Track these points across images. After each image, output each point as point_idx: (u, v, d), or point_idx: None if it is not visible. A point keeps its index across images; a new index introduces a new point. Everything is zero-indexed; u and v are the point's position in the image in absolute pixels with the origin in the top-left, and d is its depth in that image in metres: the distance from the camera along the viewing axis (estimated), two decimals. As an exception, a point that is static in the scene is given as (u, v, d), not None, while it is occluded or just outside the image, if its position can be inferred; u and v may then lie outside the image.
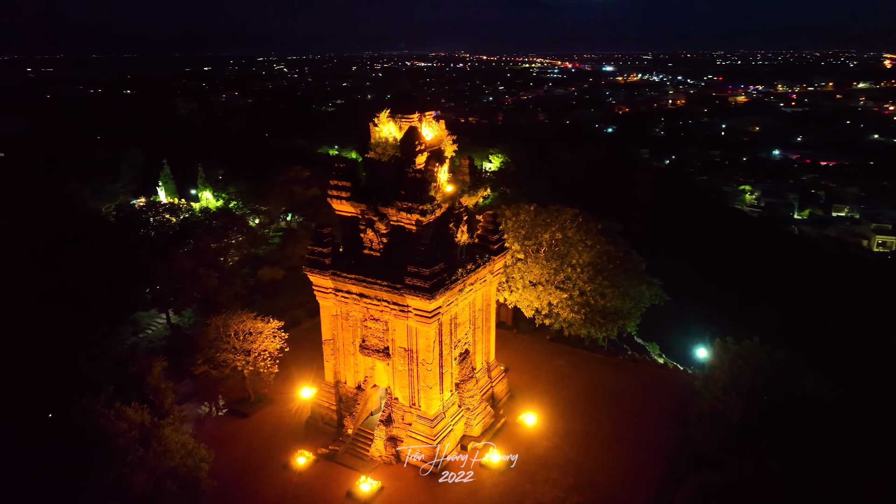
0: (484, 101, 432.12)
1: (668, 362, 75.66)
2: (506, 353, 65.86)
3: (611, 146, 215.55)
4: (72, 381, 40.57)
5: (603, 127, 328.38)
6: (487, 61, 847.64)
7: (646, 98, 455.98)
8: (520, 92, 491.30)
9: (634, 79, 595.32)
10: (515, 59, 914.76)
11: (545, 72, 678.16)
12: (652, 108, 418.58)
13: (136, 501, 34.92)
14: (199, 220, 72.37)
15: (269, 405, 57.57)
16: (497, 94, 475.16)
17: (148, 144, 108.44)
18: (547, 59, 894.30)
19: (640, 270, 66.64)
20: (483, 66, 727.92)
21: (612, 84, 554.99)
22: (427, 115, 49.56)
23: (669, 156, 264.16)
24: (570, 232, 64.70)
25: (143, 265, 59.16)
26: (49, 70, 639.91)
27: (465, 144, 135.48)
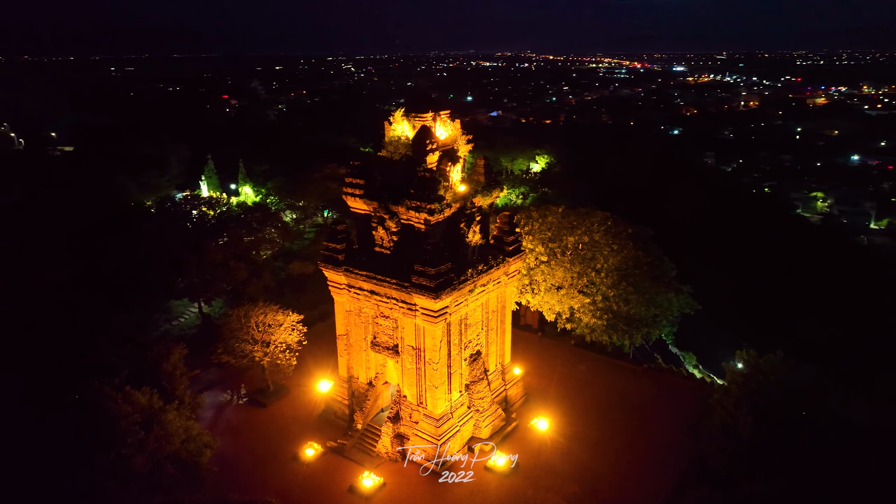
0: (547, 102, 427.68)
1: (703, 374, 72.96)
2: (528, 357, 65.12)
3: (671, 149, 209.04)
4: (90, 364, 42.69)
5: (668, 129, 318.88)
6: (553, 61, 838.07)
7: (716, 99, 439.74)
8: (584, 92, 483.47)
9: (705, 79, 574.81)
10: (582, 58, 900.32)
11: (612, 72, 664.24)
12: (722, 110, 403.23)
13: (135, 481, 36.50)
14: (235, 214, 75.14)
15: (288, 396, 58.97)
16: (561, 95, 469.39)
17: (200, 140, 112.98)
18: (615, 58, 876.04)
19: (671, 277, 64.37)
20: (548, 66, 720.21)
21: (682, 85, 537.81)
22: (442, 114, 49.55)
23: (736, 160, 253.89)
24: (597, 235, 63.25)
25: (177, 256, 61.86)
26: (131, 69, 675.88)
27: (511, 144, 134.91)
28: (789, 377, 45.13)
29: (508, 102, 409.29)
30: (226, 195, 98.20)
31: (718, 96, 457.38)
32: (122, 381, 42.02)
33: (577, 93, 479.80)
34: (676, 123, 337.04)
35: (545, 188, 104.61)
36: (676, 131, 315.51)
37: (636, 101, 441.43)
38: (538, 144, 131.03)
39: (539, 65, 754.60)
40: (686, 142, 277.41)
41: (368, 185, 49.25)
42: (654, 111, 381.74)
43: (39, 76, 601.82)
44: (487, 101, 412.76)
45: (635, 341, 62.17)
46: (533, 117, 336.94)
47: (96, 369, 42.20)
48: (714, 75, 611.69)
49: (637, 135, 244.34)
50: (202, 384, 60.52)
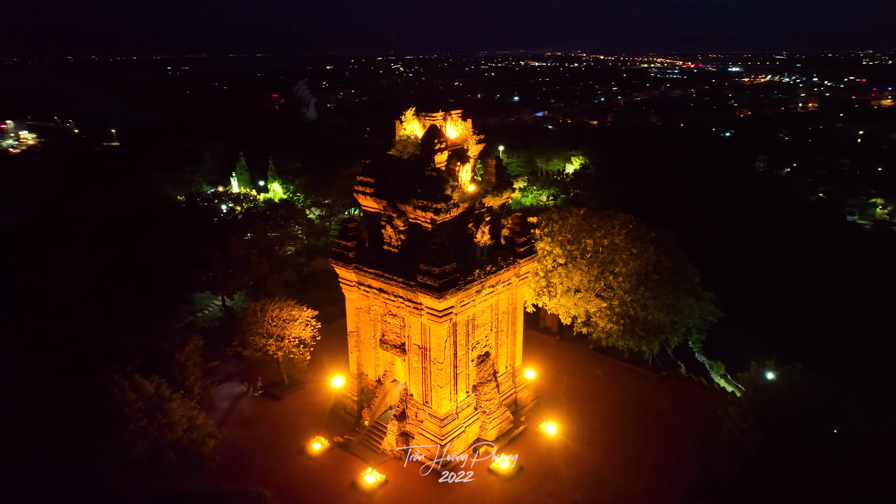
0: (595, 102, 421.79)
1: (730, 384, 70.56)
2: (544, 360, 64.42)
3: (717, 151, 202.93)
4: (104, 351, 44.31)
5: (720, 131, 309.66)
6: (604, 61, 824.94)
7: (772, 101, 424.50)
8: (634, 93, 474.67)
9: (762, 80, 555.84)
10: (634, 59, 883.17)
11: (664, 72, 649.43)
12: (778, 111, 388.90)
13: (136, 466, 37.72)
14: (261, 210, 76.74)
15: (301, 390, 59.88)
16: (609, 95, 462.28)
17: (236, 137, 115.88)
18: (668, 58, 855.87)
19: (693, 284, 62.52)
20: (599, 66, 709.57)
21: (736, 85, 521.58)
22: (453, 113, 49.41)
23: (790, 163, 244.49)
24: (617, 239, 61.97)
25: (201, 250, 63.62)
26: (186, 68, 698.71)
27: (547, 145, 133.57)
28: (805, 391, 43.21)
29: (555, 103, 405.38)
30: (255, 191, 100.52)
31: (775, 97, 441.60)
32: (134, 369, 43.43)
33: (626, 93, 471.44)
34: (728, 125, 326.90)
35: (577, 189, 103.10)
36: (728, 133, 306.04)
37: (687, 102, 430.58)
38: (574, 145, 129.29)
39: (589, 65, 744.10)
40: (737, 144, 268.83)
41: (378, 183, 49.55)
42: (706, 112, 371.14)
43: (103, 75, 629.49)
44: (534, 101, 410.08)
45: (653, 348, 60.70)
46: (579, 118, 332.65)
47: (110, 356, 43.71)
48: (771, 76, 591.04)
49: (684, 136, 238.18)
50: (221, 375, 62.20)
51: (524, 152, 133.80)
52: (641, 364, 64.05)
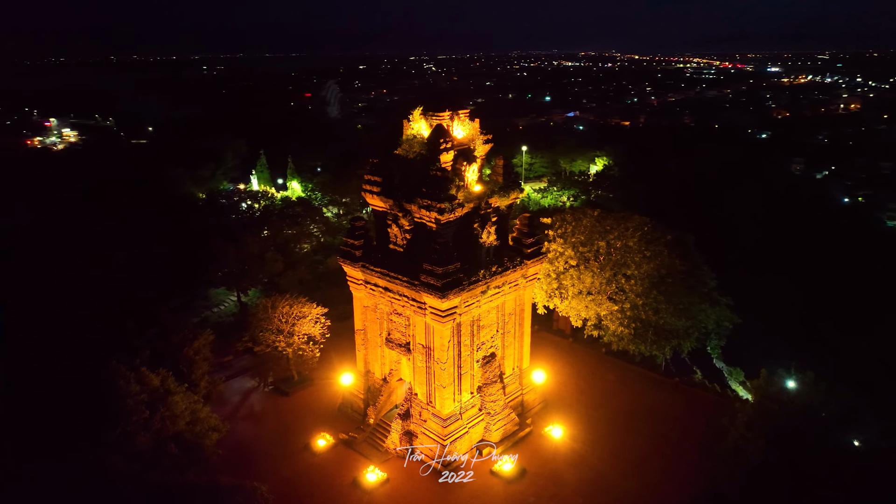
0: (628, 102, 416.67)
1: (748, 391, 68.90)
2: (555, 362, 63.84)
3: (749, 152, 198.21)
4: (114, 344, 45.36)
5: (755, 132, 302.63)
6: (638, 61, 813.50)
7: (812, 102, 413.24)
8: (668, 93, 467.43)
9: (802, 80, 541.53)
10: (669, 58, 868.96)
11: (700, 72, 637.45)
12: (818, 112, 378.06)
13: (138, 458, 38.49)
14: (278, 207, 77.73)
15: (311, 387, 60.40)
16: (643, 96, 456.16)
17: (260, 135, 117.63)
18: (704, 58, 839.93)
19: (709, 288, 61.11)
20: (633, 66, 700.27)
21: (775, 86, 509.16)
22: (461, 113, 49.22)
23: (828, 166, 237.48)
24: (630, 241, 60.97)
25: (217, 246, 64.70)
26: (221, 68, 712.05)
27: (571, 146, 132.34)
28: (814, 401, 41.96)
29: (587, 103, 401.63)
30: (274, 189, 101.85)
31: (815, 98, 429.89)
32: (142, 362, 44.35)
33: (660, 94, 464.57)
34: (765, 127, 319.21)
35: (598, 190, 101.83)
36: (764, 135, 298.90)
37: (723, 102, 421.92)
38: (599, 146, 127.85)
39: (623, 65, 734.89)
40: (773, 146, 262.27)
41: (385, 182, 49.63)
42: (742, 113, 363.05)
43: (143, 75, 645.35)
44: (566, 101, 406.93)
45: (665, 353, 59.56)
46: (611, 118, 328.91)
47: (119, 349, 44.74)
48: (812, 76, 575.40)
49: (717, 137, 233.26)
50: (233, 370, 63.16)
51: (548, 153, 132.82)
52: (654, 369, 62.95)
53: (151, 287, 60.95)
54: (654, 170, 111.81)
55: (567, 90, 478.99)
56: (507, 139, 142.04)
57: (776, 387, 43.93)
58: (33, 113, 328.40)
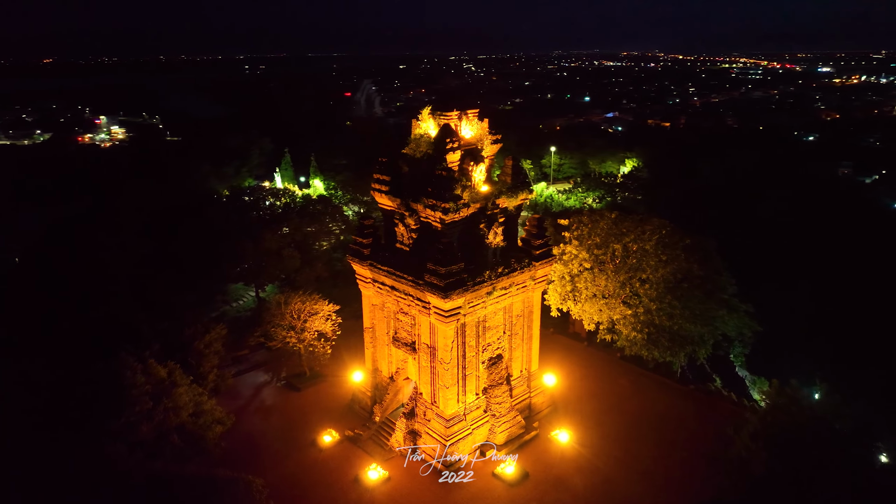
0: (669, 103, 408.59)
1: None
2: (568, 366, 63.10)
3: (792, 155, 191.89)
4: (127, 335, 46.65)
5: (802, 134, 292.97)
6: (682, 61, 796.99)
7: (864, 103, 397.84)
8: (711, 94, 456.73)
9: (854, 81, 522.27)
10: (714, 58, 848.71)
11: (746, 72, 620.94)
12: (870, 114, 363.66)
13: (141, 447, 39.51)
14: (299, 205, 78.73)
15: (323, 383, 60.97)
16: (685, 96, 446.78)
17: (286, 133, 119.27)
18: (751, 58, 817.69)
19: (728, 294, 59.40)
20: (676, 67, 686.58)
21: (825, 87, 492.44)
22: (469, 113, 49.01)
23: (879, 170, 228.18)
24: (647, 244, 59.69)
25: (236, 242, 65.99)
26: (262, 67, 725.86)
27: (601, 147, 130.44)
28: (832, 415, 40.46)
29: (627, 103, 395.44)
30: (297, 187, 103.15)
31: (868, 99, 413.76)
32: (152, 354, 45.54)
33: (703, 94, 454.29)
34: (812, 129, 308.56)
35: (625, 192, 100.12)
36: (811, 137, 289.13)
37: (769, 103, 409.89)
38: (629, 147, 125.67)
39: (666, 65, 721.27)
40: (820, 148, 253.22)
41: (393, 181, 49.74)
42: (789, 115, 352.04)
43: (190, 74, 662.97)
44: (606, 101, 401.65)
45: (679, 359, 58.17)
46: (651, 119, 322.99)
47: (131, 340, 45.98)
48: (867, 76, 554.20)
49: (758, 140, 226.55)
50: (248, 364, 64.26)
51: (577, 153, 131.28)
52: (670, 375, 61.57)
53: (172, 281, 62.49)
54: (685, 172, 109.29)
55: (607, 90, 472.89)
56: (539, 139, 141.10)
57: (787, 397, 42.43)
58: (85, 111, 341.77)
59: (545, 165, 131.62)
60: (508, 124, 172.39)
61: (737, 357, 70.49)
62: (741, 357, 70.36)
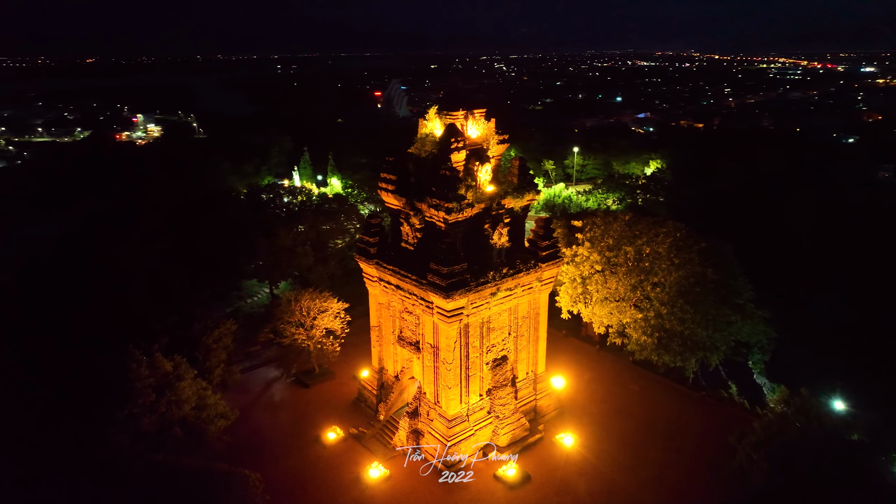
0: (703, 104, 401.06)
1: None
2: (578, 369, 62.45)
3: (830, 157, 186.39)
4: (136, 329, 47.60)
5: (841, 136, 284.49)
6: (718, 61, 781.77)
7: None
8: (747, 95, 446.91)
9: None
10: (751, 58, 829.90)
11: (785, 73, 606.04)
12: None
13: (143, 438, 40.30)
14: (315, 203, 79.37)
15: (332, 380, 61.39)
16: (720, 97, 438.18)
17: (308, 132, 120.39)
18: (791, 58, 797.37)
19: (744, 300, 57.95)
20: (711, 67, 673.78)
21: (868, 87, 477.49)
22: (476, 112, 48.75)
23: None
24: (660, 248, 58.66)
25: (251, 239, 66.90)
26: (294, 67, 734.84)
27: (626, 148, 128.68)
28: (837, 424, 39.22)
29: (659, 104, 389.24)
30: (315, 186, 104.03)
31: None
32: (160, 347, 46.38)
33: (738, 95, 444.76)
34: (853, 130, 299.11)
35: (646, 194, 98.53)
36: (851, 139, 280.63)
37: (808, 104, 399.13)
38: (655, 148, 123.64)
39: (702, 65, 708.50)
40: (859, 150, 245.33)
41: (400, 181, 49.81)
42: (828, 116, 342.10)
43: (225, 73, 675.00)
44: (638, 102, 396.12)
45: (690, 364, 56.96)
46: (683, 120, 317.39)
47: (140, 334, 46.89)
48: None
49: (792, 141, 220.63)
50: (260, 360, 65.09)
51: (601, 154, 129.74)
52: (682, 381, 60.43)
53: (188, 276, 63.61)
54: (709, 173, 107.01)
55: (640, 91, 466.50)
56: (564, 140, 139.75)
57: (795, 406, 41.27)
58: (124, 109, 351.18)
59: (568, 166, 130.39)
60: (534, 124, 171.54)
61: (755, 364, 68.78)
62: (760, 364, 68.64)
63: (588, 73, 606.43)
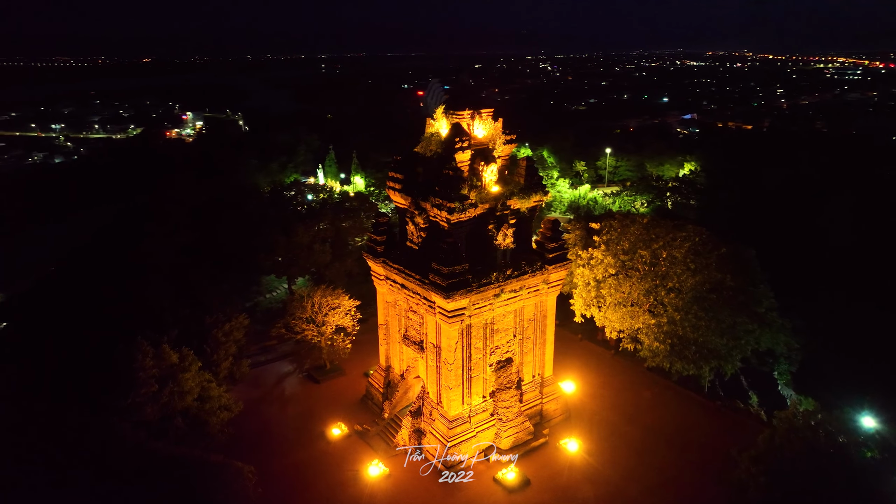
0: (754, 105, 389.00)
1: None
2: (592, 374, 61.47)
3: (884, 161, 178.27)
4: (148, 321, 48.89)
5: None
6: (772, 61, 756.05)
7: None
8: (800, 96, 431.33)
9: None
10: (808, 58, 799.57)
11: (844, 73, 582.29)
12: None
13: (145, 427, 41.42)
14: (336, 201, 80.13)
15: (342, 377, 61.94)
16: (772, 98, 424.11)
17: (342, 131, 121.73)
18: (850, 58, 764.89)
19: (765, 308, 55.75)
20: (765, 66, 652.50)
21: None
22: (483, 112, 48.38)
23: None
24: (677, 252, 57.13)
25: (270, 235, 68.08)
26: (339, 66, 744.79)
27: (660, 150, 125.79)
28: (846, 441, 37.47)
29: (707, 105, 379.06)
30: (339, 184, 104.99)
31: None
32: (169, 339, 47.57)
33: (792, 96, 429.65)
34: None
35: (676, 196, 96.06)
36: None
37: (866, 106, 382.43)
38: (689, 150, 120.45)
39: (755, 65, 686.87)
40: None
41: (406, 180, 49.88)
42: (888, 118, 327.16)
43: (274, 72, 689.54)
44: (685, 102, 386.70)
45: (704, 373, 55.25)
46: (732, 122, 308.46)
47: (151, 325, 48.17)
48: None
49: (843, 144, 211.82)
50: (276, 354, 66.19)
51: (635, 156, 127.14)
52: (698, 389, 58.72)
53: (209, 270, 65.10)
54: (745, 176, 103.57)
55: (688, 91, 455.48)
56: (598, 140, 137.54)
57: (804, 421, 39.57)
58: (175, 107, 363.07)
59: (600, 167, 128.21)
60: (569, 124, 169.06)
61: (781, 374, 66.40)
62: (786, 375, 66.23)
63: (635, 73, 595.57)
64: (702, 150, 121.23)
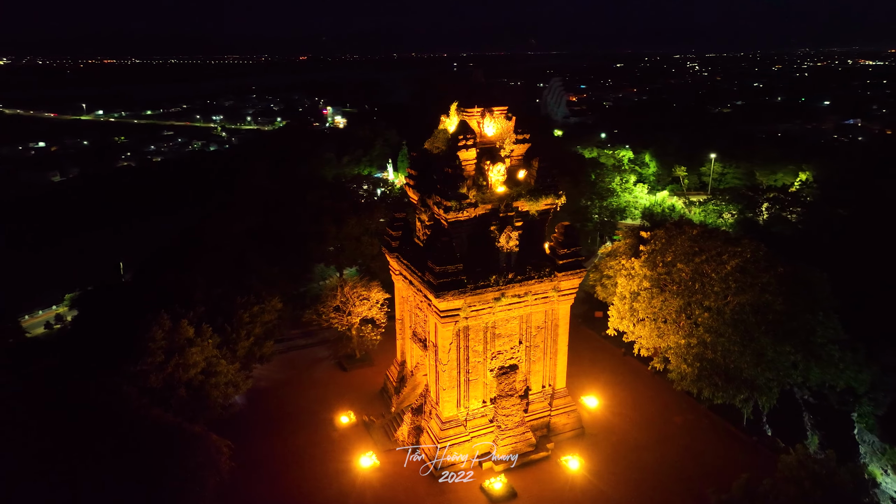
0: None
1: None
2: (622, 392, 57.98)
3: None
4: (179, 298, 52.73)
5: None
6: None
7: None
8: None
9: None
10: None
11: None
12: None
13: (150, 393, 44.83)
14: (395, 194, 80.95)
15: (369, 367, 63.06)
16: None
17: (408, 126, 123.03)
18: None
19: (823, 339, 48.53)
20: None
21: None
22: (495, 110, 46.91)
23: None
24: (723, 269, 51.73)
25: (322, 225, 70.69)
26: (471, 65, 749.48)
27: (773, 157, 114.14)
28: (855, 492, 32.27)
29: (878, 109, 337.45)
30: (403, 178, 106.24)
31: None
32: (195, 315, 51.10)
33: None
34: None
35: (776, 208, 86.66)
36: None
37: None
38: (806, 158, 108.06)
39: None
40: None
41: (419, 176, 49.63)
42: None
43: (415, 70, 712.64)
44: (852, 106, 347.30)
45: (737, 403, 49.38)
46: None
47: (178, 301, 51.91)
48: None
49: None
50: (316, 339, 68.69)
51: (745, 163, 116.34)
52: (738, 421, 52.91)
53: (269, 254, 69.06)
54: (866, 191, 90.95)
55: (856, 94, 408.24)
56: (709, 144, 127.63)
57: (809, 470, 34.43)
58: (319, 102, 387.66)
59: (704, 174, 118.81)
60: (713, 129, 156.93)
61: (862, 417, 58.07)
62: (869, 417, 57.82)
63: (795, 73, 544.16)
64: (823, 157, 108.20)
